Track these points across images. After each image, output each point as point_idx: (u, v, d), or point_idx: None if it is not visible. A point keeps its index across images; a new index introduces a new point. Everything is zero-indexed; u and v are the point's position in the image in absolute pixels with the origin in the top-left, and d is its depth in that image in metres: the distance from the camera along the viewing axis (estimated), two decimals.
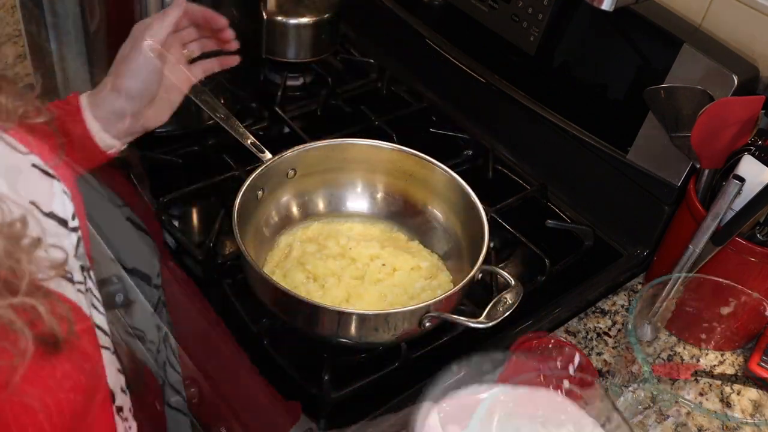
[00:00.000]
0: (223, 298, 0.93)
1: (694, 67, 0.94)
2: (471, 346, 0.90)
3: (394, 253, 0.95)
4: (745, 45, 0.97)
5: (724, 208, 0.89)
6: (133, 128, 0.85)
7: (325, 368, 0.84)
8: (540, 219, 1.11)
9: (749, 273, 0.91)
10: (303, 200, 1.01)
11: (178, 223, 1.03)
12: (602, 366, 0.93)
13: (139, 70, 0.81)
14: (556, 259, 1.03)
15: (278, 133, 1.21)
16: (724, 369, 0.93)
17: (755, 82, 0.95)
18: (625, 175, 1.06)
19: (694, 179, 0.96)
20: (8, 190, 0.55)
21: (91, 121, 0.81)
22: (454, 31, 1.24)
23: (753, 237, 0.90)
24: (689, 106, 0.92)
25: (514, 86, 1.17)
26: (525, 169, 1.19)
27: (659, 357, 0.94)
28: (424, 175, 0.99)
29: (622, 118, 1.05)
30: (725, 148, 0.90)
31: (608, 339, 0.97)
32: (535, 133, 1.16)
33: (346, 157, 1.00)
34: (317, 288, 0.90)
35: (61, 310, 0.51)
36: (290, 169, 0.97)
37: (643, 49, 1.01)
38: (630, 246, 1.08)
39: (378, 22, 1.38)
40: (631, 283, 1.06)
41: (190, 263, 0.97)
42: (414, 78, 1.33)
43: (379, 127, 1.21)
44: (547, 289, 0.99)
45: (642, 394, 0.74)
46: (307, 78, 1.32)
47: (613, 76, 1.05)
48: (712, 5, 0.98)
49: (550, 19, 1.08)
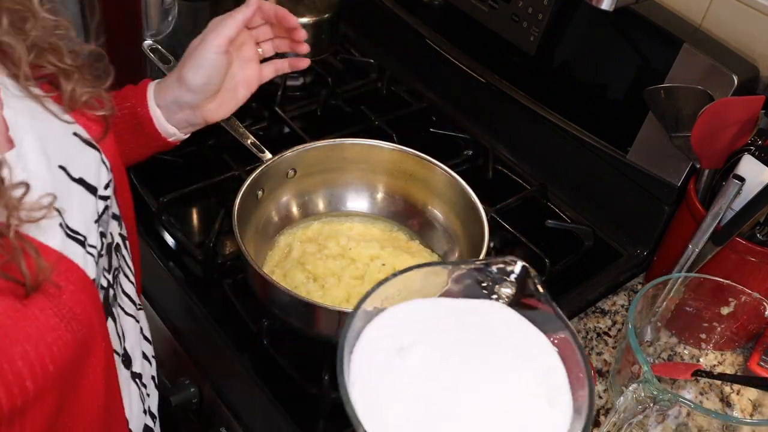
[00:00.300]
0: (223, 298, 0.93)
1: (694, 67, 0.94)
2: None
3: (394, 253, 0.94)
4: (745, 45, 0.97)
5: (724, 208, 0.89)
6: (194, 119, 0.86)
7: (325, 368, 0.84)
8: (540, 219, 1.11)
9: (749, 273, 0.91)
10: (303, 200, 1.01)
11: (178, 223, 1.03)
12: (602, 366, 0.93)
13: (203, 65, 0.81)
14: (556, 259, 1.03)
15: (278, 133, 1.21)
16: (724, 369, 0.93)
17: (755, 82, 0.95)
18: (625, 175, 1.06)
19: (694, 179, 0.96)
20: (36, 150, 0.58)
21: (153, 108, 0.84)
22: (454, 31, 1.24)
23: (753, 237, 0.90)
24: (689, 106, 0.92)
25: (514, 86, 1.17)
26: (525, 169, 1.19)
27: (659, 357, 0.94)
28: (424, 175, 0.99)
29: (622, 118, 1.05)
30: (725, 148, 0.90)
31: (608, 339, 0.97)
32: (535, 133, 1.16)
33: (346, 157, 1.00)
34: (317, 288, 0.90)
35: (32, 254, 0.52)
36: (290, 169, 0.97)
37: (643, 49, 1.01)
38: (630, 246, 1.08)
39: (378, 22, 1.38)
40: (631, 283, 1.06)
41: (190, 263, 0.98)
42: (414, 78, 1.33)
43: (379, 127, 1.21)
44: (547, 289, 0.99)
45: (642, 394, 0.74)
46: (307, 78, 1.32)
47: (613, 76, 1.05)
48: (712, 5, 0.98)
49: (550, 19, 1.08)
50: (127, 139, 0.84)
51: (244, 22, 0.84)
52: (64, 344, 0.55)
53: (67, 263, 0.57)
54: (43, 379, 0.54)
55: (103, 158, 0.68)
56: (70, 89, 0.65)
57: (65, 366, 0.56)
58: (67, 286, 0.56)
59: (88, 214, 0.63)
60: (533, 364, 0.56)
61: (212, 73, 0.82)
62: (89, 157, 0.66)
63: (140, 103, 0.83)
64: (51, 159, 0.60)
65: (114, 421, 0.68)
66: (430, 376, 0.53)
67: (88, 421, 0.62)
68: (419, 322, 0.56)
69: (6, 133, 0.58)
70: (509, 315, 0.59)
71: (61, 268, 0.56)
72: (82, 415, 0.61)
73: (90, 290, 0.59)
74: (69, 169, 0.62)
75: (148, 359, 0.79)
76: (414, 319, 0.56)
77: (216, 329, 0.91)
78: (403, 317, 0.56)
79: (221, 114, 0.88)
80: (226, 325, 0.91)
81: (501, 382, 0.54)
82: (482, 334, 0.57)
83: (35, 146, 0.59)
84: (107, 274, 0.67)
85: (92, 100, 0.68)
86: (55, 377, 0.55)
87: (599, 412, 0.88)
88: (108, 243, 0.68)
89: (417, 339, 0.54)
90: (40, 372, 0.53)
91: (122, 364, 0.71)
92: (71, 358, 0.56)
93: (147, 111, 0.83)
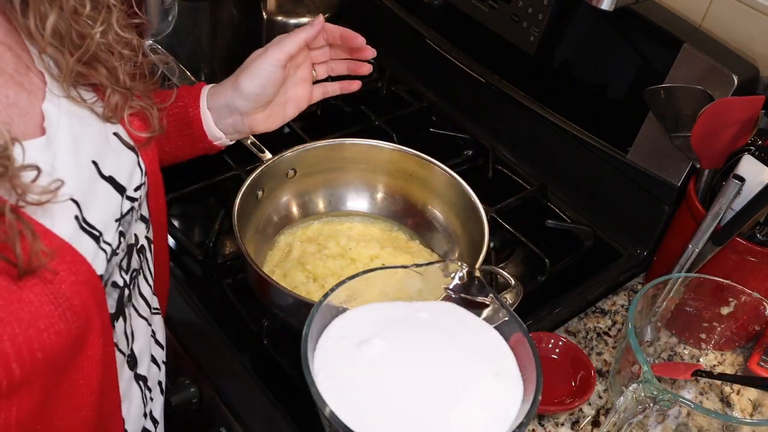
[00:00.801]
0: (223, 298, 0.93)
1: (694, 67, 0.94)
2: None
3: (393, 253, 0.95)
4: (745, 45, 0.97)
5: (724, 208, 0.89)
6: (241, 127, 0.87)
7: None
8: (540, 219, 1.11)
9: (749, 273, 0.91)
10: (303, 200, 1.01)
11: (178, 223, 1.03)
12: (602, 366, 0.93)
13: (260, 75, 0.83)
14: (556, 259, 1.03)
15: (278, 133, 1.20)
16: (724, 369, 0.93)
17: (755, 82, 0.95)
18: (625, 175, 1.06)
19: (694, 179, 0.96)
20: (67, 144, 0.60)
21: (204, 110, 0.85)
22: (454, 31, 1.24)
23: (753, 237, 0.90)
24: (689, 106, 0.92)
25: (514, 86, 1.17)
26: (525, 169, 1.19)
27: (659, 357, 0.94)
28: (424, 175, 0.99)
29: (622, 118, 1.05)
30: (725, 148, 0.90)
31: (608, 339, 0.97)
32: (535, 133, 1.16)
33: (346, 157, 1.01)
34: (317, 288, 0.90)
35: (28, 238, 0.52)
36: (290, 169, 0.97)
37: (643, 49, 1.01)
38: (630, 246, 1.08)
39: (378, 22, 1.38)
40: (631, 283, 1.06)
41: (190, 263, 0.98)
42: (414, 78, 1.33)
43: (379, 127, 1.21)
44: (547, 289, 0.99)
45: (642, 394, 0.74)
46: None
47: (613, 76, 1.05)
48: (712, 5, 0.98)
49: (550, 19, 1.08)
50: (174, 137, 0.85)
51: (307, 41, 0.85)
52: (56, 332, 0.55)
53: (73, 254, 0.58)
54: (31, 365, 0.54)
55: (139, 161, 0.69)
56: (113, 103, 0.66)
57: (56, 355, 0.56)
58: (69, 277, 0.56)
59: (110, 211, 0.64)
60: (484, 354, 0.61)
61: (267, 84, 0.83)
62: (125, 158, 0.67)
63: (192, 104, 0.85)
64: (82, 154, 0.62)
65: (109, 419, 0.68)
66: (388, 365, 0.58)
67: (81, 416, 0.62)
68: (377, 321, 0.62)
69: (41, 124, 0.59)
70: (462, 313, 0.64)
71: (65, 258, 0.57)
72: (73, 409, 0.62)
73: (93, 284, 0.59)
74: (101, 165, 0.63)
75: (157, 364, 0.79)
76: (372, 318, 0.62)
77: (216, 329, 0.91)
78: (362, 317, 0.62)
79: (268, 126, 0.89)
80: (226, 325, 0.91)
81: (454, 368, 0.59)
82: (436, 330, 0.63)
83: (68, 141, 0.60)
84: (125, 273, 0.67)
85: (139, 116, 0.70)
86: (44, 365, 0.55)
87: (599, 412, 0.88)
88: (130, 244, 0.68)
89: (375, 334, 0.60)
90: (28, 357, 0.53)
91: (126, 365, 0.71)
92: (63, 348, 0.56)
93: (198, 112, 0.85)
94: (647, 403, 0.74)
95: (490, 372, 0.59)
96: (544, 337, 0.91)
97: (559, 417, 0.87)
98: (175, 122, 0.85)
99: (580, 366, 0.89)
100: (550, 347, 0.91)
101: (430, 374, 0.58)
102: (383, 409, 0.55)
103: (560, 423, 0.87)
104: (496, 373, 0.59)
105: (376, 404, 0.56)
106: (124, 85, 0.67)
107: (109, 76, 0.65)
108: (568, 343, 0.91)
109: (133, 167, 0.68)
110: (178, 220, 1.04)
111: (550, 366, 0.91)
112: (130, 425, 0.73)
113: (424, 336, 0.62)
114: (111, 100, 0.66)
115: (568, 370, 0.90)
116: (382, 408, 0.55)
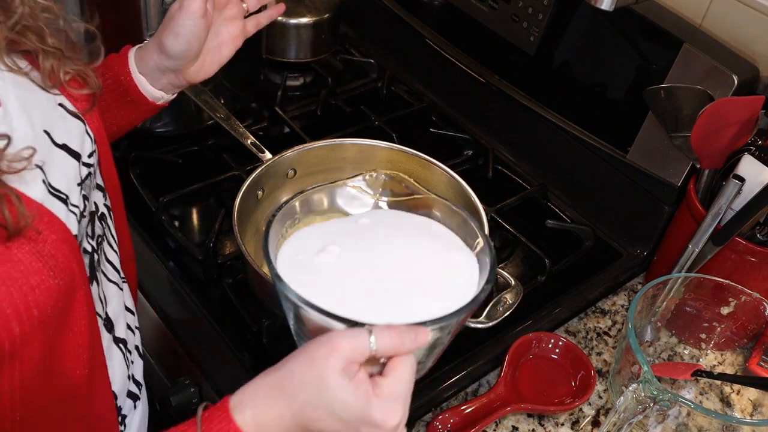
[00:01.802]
0: (223, 298, 0.93)
1: (694, 67, 0.94)
2: (471, 345, 0.90)
3: None
4: (745, 45, 0.97)
5: (724, 208, 0.89)
6: (178, 82, 0.86)
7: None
8: (540, 219, 1.11)
9: (749, 273, 0.91)
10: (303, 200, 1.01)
11: (178, 223, 1.03)
12: (602, 366, 0.93)
13: (181, 32, 0.80)
14: (556, 259, 1.03)
15: (278, 133, 1.21)
16: (724, 369, 0.93)
17: (755, 82, 0.95)
18: (625, 175, 1.06)
19: (694, 179, 0.96)
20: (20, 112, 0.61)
21: (136, 75, 0.83)
22: (454, 31, 1.24)
23: (753, 237, 0.90)
24: (689, 106, 0.92)
25: (514, 86, 1.17)
26: (525, 169, 1.19)
27: (659, 357, 0.94)
28: (424, 175, 0.99)
29: (622, 118, 1.05)
30: (725, 148, 0.90)
31: (608, 339, 0.97)
32: (535, 133, 1.16)
33: (346, 157, 1.00)
34: None
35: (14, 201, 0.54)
36: (290, 169, 0.97)
37: (643, 49, 1.01)
38: (630, 246, 1.08)
39: (378, 22, 1.38)
40: (631, 283, 1.06)
41: (190, 263, 0.98)
42: (414, 78, 1.33)
43: (379, 127, 1.21)
44: (547, 289, 0.99)
45: (642, 394, 0.74)
46: (307, 78, 1.32)
47: (613, 76, 1.05)
48: (712, 5, 0.98)
49: (550, 19, 1.08)
50: (115, 106, 0.84)
51: None
52: (46, 288, 0.56)
53: (49, 215, 0.59)
54: (29, 323, 0.55)
55: (87, 129, 0.69)
56: (48, 67, 0.66)
57: (48, 312, 0.57)
58: (50, 236, 0.58)
59: (70, 176, 0.64)
60: (430, 236, 0.68)
61: (191, 38, 0.81)
62: (73, 127, 0.68)
63: (123, 71, 0.83)
64: (35, 123, 0.62)
65: (98, 380, 0.69)
66: (350, 263, 0.63)
67: (75, 375, 0.63)
68: (325, 234, 0.67)
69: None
70: (398, 213, 0.72)
71: (43, 219, 0.58)
72: (68, 369, 0.62)
73: (71, 242, 0.60)
74: (53, 134, 0.64)
75: (131, 329, 0.80)
76: (318, 234, 0.68)
77: (216, 329, 0.91)
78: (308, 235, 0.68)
79: (206, 73, 0.87)
80: (226, 325, 0.91)
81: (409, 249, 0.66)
82: (381, 228, 0.69)
83: (19, 109, 0.61)
84: (91, 240, 0.68)
85: (77, 78, 0.69)
86: (40, 322, 0.56)
87: (599, 412, 0.88)
88: (92, 211, 0.69)
89: (328, 243, 0.65)
90: (25, 315, 0.55)
91: (104, 328, 0.72)
92: (55, 305, 0.58)
93: (131, 78, 0.83)
94: (647, 403, 0.74)
95: (441, 246, 0.66)
96: (544, 337, 0.91)
97: (559, 417, 0.87)
98: (113, 94, 0.83)
99: (580, 366, 0.89)
100: (550, 347, 0.91)
101: (390, 259, 0.64)
102: (356, 295, 0.60)
103: (560, 423, 0.87)
104: (446, 245, 0.66)
105: (349, 292, 0.60)
106: (54, 46, 0.66)
107: (37, 39, 0.65)
108: (568, 343, 0.91)
109: (83, 135, 0.68)
110: (178, 220, 1.04)
111: (550, 366, 0.91)
112: (116, 386, 0.74)
113: (373, 234, 0.68)
114: (45, 64, 0.65)
115: (568, 370, 0.90)
116: (355, 295, 0.60)
